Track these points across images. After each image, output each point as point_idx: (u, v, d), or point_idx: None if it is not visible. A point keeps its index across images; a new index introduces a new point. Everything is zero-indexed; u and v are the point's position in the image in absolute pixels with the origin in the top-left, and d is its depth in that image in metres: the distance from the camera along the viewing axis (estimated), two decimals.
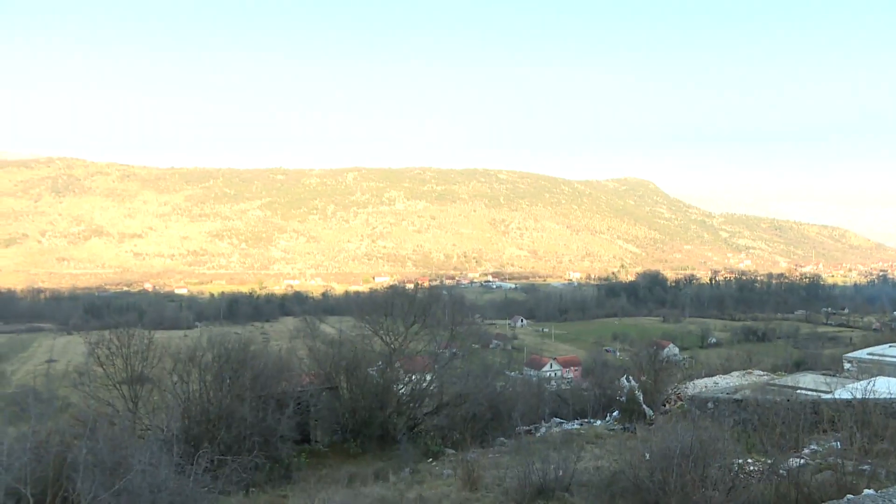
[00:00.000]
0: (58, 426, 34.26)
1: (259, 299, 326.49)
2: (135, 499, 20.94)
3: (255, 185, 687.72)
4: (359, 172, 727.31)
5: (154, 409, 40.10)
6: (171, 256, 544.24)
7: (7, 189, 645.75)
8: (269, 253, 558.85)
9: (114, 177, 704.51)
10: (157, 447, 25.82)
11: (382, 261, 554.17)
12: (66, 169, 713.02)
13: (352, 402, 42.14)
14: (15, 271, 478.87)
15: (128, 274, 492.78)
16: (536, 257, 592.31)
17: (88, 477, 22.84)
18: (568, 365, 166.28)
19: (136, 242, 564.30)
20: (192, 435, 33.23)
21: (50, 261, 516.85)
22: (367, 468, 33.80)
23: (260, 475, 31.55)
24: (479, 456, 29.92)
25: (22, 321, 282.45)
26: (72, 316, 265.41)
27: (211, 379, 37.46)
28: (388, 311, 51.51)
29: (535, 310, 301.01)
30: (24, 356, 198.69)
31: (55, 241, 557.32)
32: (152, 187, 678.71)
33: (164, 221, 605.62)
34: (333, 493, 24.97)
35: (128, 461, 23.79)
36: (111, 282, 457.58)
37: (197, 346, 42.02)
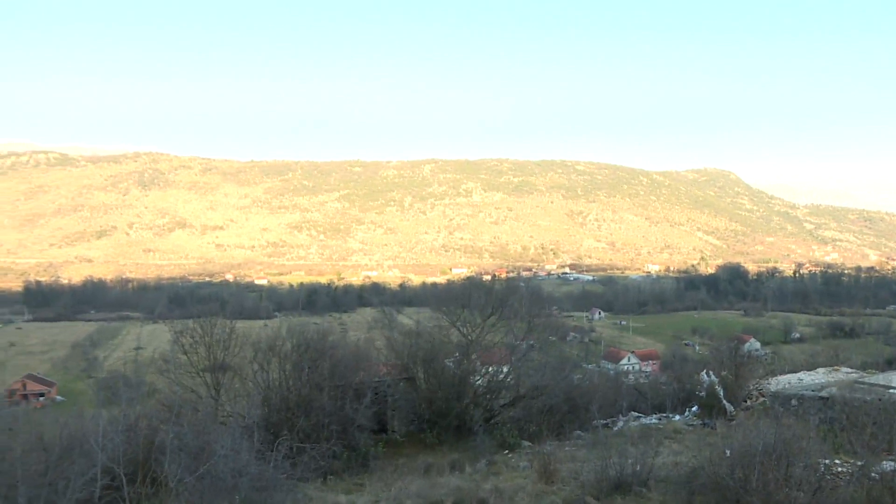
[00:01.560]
0: (146, 411, 35.30)
1: (337, 290, 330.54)
2: (217, 483, 21.42)
3: (333, 178, 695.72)
4: (435, 164, 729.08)
5: (235, 396, 40.90)
6: (252, 248, 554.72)
7: (98, 183, 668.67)
8: (346, 244, 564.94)
9: (196, 170, 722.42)
10: (239, 433, 26.39)
11: (459, 252, 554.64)
12: (152, 163, 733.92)
13: (429, 393, 42.25)
14: (105, 262, 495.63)
15: (210, 265, 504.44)
16: (614, 249, 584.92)
17: (175, 460, 23.49)
18: (646, 358, 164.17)
19: (218, 234, 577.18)
20: (271, 422, 33.83)
21: (137, 252, 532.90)
22: (443, 459, 33.86)
23: (337, 463, 31.93)
24: (556, 449, 29.62)
25: (112, 310, 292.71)
26: (157, 305, 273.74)
27: (290, 368, 38.01)
28: (466, 302, 51.41)
29: (613, 302, 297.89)
30: (114, 343, 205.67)
31: (142, 233, 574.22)
32: (233, 180, 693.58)
33: (244, 213, 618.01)
34: (410, 483, 25.09)
35: (211, 446, 24.36)
36: (194, 272, 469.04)
37: (277, 335, 42.76)
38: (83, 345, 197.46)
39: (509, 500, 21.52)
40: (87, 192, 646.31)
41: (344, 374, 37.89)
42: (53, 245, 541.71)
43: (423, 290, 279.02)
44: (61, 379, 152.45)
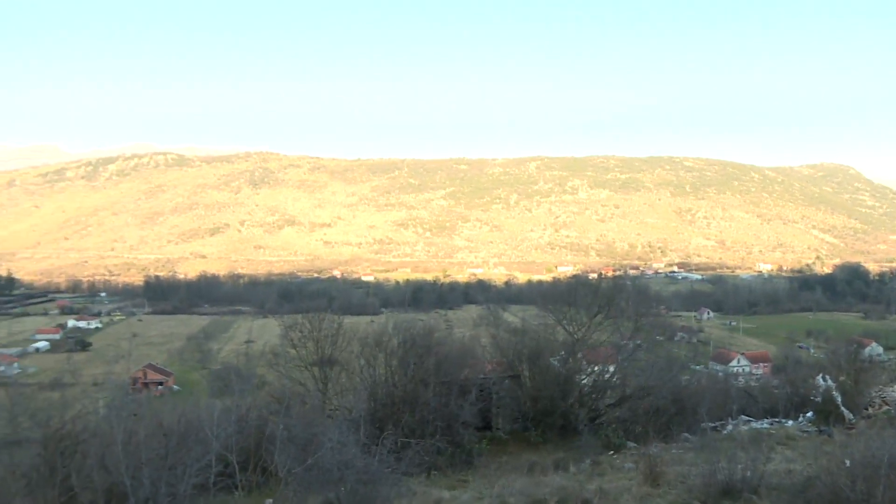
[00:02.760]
0: (256, 402, 36.36)
1: (443, 287, 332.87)
2: (324, 474, 21.89)
3: (439, 175, 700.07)
4: (541, 161, 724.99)
5: (342, 390, 41.63)
6: (359, 245, 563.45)
7: (212, 182, 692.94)
8: (452, 242, 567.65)
9: (305, 169, 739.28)
10: (345, 427, 26.92)
11: (565, 250, 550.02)
12: (262, 163, 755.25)
13: (534, 391, 42.05)
14: (218, 258, 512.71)
15: (318, 261, 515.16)
16: (724, 248, 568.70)
17: (284, 450, 24.17)
18: (757, 361, 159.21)
19: (326, 231, 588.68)
20: (377, 417, 34.28)
21: (248, 248, 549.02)
22: (547, 458, 33.68)
23: (442, 459, 32.12)
24: (662, 451, 29.06)
25: (224, 304, 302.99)
26: (267, 300, 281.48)
27: (396, 363, 38.44)
28: (572, 300, 50.99)
29: (723, 302, 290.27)
30: (227, 336, 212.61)
31: (253, 230, 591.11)
32: (340, 178, 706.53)
33: (351, 211, 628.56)
34: (513, 481, 25.05)
35: (318, 438, 24.92)
36: (303, 268, 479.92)
37: (383, 331, 43.32)
38: (198, 337, 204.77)
39: (614, 501, 21.24)
40: (201, 191, 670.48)
41: (449, 371, 38.09)
42: (171, 242, 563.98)
43: (528, 288, 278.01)
44: (178, 369, 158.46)
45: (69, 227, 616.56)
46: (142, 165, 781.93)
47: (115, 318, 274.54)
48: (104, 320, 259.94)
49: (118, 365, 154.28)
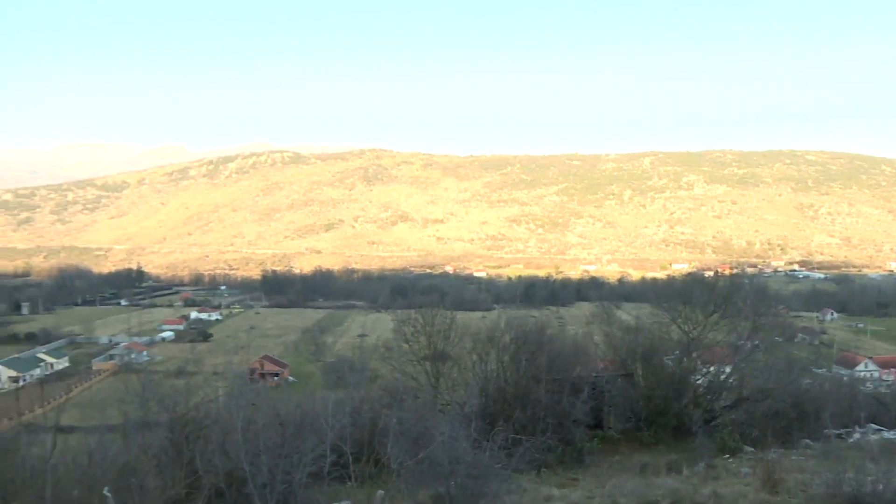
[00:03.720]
0: (369, 395, 37.07)
1: (555, 284, 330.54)
2: (435, 468, 22.06)
3: (552, 171, 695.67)
4: (655, 157, 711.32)
5: (454, 385, 41.99)
6: (471, 241, 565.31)
7: (327, 179, 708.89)
8: (565, 238, 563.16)
9: (417, 166, 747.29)
10: (457, 422, 27.07)
11: (680, 247, 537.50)
12: (376, 159, 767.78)
13: (647, 391, 41.42)
14: (333, 253, 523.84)
15: (430, 257, 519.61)
16: (850, 245, 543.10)
17: (397, 443, 24.55)
18: (887, 366, 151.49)
19: (439, 227, 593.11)
20: (488, 412, 34.41)
21: (362, 244, 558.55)
22: (659, 459, 33.10)
23: (552, 457, 32.00)
24: (781, 457, 28.12)
25: (338, 298, 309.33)
26: (380, 295, 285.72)
27: (508, 360, 38.51)
28: (687, 299, 49.97)
29: (848, 303, 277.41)
30: (341, 330, 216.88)
31: (366, 226, 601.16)
32: (453, 175, 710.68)
33: (464, 207, 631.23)
34: (625, 482, 24.71)
35: (430, 432, 25.16)
36: (415, 264, 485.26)
37: (495, 327, 43.47)
38: (312, 330, 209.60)
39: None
40: (316, 188, 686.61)
41: (561, 368, 37.91)
42: (287, 237, 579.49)
43: (642, 286, 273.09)
44: (293, 361, 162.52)
45: (192, 223, 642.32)
46: (260, 163, 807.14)
47: (234, 310, 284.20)
48: (224, 312, 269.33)
49: (237, 356, 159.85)
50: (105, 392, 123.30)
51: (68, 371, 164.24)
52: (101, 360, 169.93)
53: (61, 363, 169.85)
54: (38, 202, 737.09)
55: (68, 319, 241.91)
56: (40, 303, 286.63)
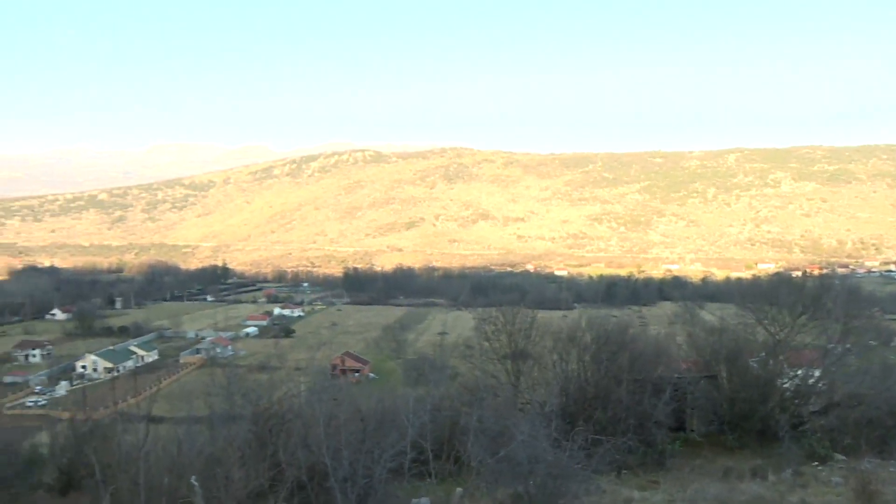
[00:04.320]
0: (449, 393, 37.30)
1: (637, 283, 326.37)
2: (515, 467, 22.05)
3: (634, 169, 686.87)
4: (741, 153, 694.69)
5: (534, 384, 41.81)
6: (552, 239, 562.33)
7: (408, 178, 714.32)
8: (647, 237, 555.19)
9: (498, 164, 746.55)
10: (537, 421, 26.98)
11: (766, 246, 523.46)
12: (457, 158, 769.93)
13: (731, 393, 40.52)
14: (414, 251, 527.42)
15: (511, 255, 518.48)
16: None
17: (476, 441, 24.62)
18: None
19: (519, 226, 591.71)
20: (568, 412, 34.18)
21: (442, 242, 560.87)
22: (744, 464, 32.36)
23: (633, 458, 31.61)
24: (877, 467, 27.14)
25: (419, 296, 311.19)
26: (461, 293, 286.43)
27: (589, 359, 38.19)
28: (773, 299, 48.69)
29: None
30: (421, 327, 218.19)
31: (447, 224, 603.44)
32: (534, 173, 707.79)
33: (545, 205, 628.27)
34: (707, 486, 24.27)
35: (510, 431, 25.15)
36: (496, 262, 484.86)
37: (576, 326, 43.15)
38: (393, 327, 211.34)
39: None
40: (397, 186, 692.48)
41: (643, 369, 37.44)
42: (368, 235, 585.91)
43: (726, 286, 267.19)
44: (374, 358, 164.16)
45: (276, 221, 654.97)
46: (342, 162, 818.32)
47: (316, 307, 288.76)
48: (306, 309, 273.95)
49: (319, 352, 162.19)
50: (192, 384, 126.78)
51: (157, 363, 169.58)
52: (188, 354, 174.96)
53: (151, 356, 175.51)
54: (131, 201, 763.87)
55: (157, 314, 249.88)
56: (132, 298, 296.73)
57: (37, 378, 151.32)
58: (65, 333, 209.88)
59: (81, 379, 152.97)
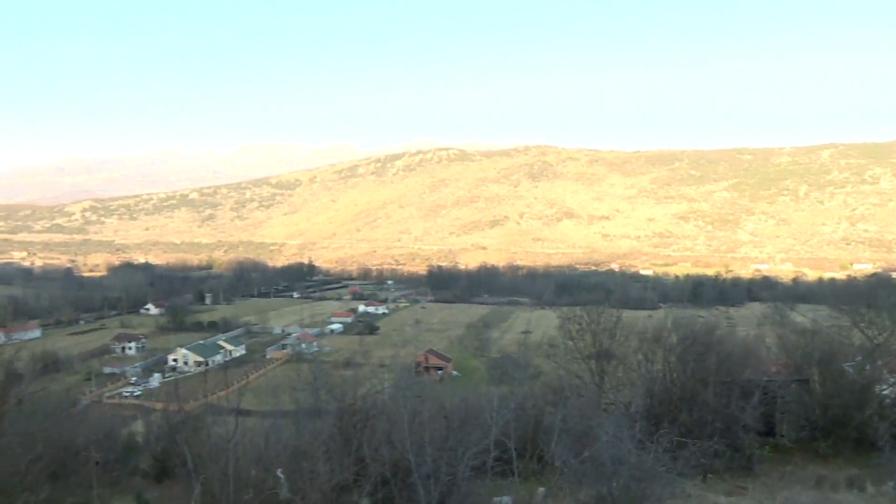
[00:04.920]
0: (533, 391, 37.15)
1: (724, 283, 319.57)
2: (598, 468, 21.83)
3: (722, 166, 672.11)
4: (836, 149, 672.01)
5: (618, 384, 41.36)
6: (637, 238, 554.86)
7: (492, 176, 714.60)
8: (735, 236, 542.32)
9: (583, 162, 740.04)
10: (621, 422, 26.64)
11: (863, 246, 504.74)
12: (541, 156, 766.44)
13: (824, 399, 39.21)
14: (498, 250, 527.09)
15: (595, 254, 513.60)
16: None
17: (560, 441, 24.47)
18: None
19: (604, 224, 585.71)
20: (653, 413, 33.67)
21: (526, 240, 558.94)
22: (838, 472, 31.29)
23: (719, 462, 30.96)
24: None
25: (502, 294, 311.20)
26: (545, 291, 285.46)
27: (675, 360, 37.56)
28: (871, 301, 47.18)
29: None
30: (505, 326, 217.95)
31: (531, 222, 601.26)
32: (619, 171, 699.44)
33: (630, 204, 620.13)
34: (798, 494, 23.60)
35: (594, 431, 24.93)
36: (580, 261, 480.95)
37: (662, 326, 42.55)
38: (477, 326, 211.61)
39: None
40: (481, 185, 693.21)
41: (731, 371, 36.62)
42: (452, 233, 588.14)
43: (819, 287, 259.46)
44: (457, 356, 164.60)
45: (361, 219, 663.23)
46: (426, 161, 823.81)
47: (400, 304, 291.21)
48: (390, 306, 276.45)
49: (403, 349, 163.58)
50: (278, 379, 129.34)
51: (245, 358, 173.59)
52: (275, 349, 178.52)
53: (239, 350, 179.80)
54: (220, 200, 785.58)
55: (245, 310, 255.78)
56: (221, 294, 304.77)
57: (132, 370, 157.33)
58: (158, 327, 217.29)
59: (173, 371, 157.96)
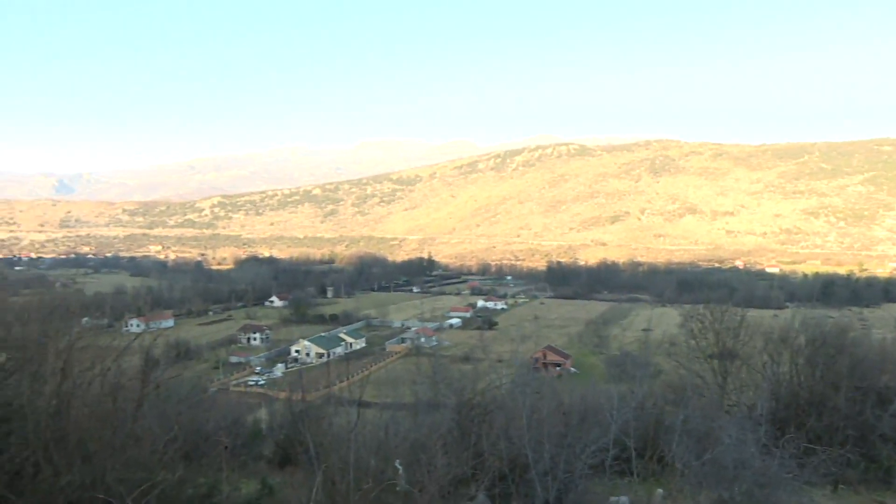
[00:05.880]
0: (652, 390, 36.57)
1: (858, 282, 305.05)
2: (720, 471, 21.32)
3: (856, 159, 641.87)
4: None
5: (741, 386, 40.27)
6: (763, 234, 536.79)
7: (613, 171, 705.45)
8: (871, 232, 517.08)
9: (706, 156, 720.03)
10: (745, 425, 25.89)
11: None
12: (662, 150, 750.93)
13: None
14: (618, 246, 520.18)
15: (719, 251, 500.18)
16: None
17: (682, 442, 23.95)
18: None
19: (728, 220, 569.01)
20: (779, 417, 32.61)
21: (647, 237, 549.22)
22: None
23: (852, 473, 29.69)
24: None
25: (622, 291, 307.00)
26: (666, 289, 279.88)
27: (803, 362, 36.27)
28: None
29: None
30: (625, 323, 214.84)
31: (652, 218, 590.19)
32: (744, 165, 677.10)
33: (756, 199, 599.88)
34: None
35: (716, 433, 24.34)
36: (702, 258, 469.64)
37: (789, 327, 41.10)
38: (596, 322, 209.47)
39: None
40: (602, 180, 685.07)
41: (865, 376, 35.03)
42: (572, 229, 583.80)
43: None
44: (575, 352, 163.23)
45: (480, 214, 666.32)
46: (546, 156, 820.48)
47: (518, 300, 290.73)
48: (509, 302, 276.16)
49: (522, 345, 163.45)
50: (397, 372, 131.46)
51: (365, 351, 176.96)
52: (394, 343, 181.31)
53: (359, 343, 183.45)
54: (342, 196, 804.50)
55: (365, 303, 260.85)
56: (342, 287, 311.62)
57: (257, 359, 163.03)
58: (281, 319, 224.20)
59: (295, 362, 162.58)
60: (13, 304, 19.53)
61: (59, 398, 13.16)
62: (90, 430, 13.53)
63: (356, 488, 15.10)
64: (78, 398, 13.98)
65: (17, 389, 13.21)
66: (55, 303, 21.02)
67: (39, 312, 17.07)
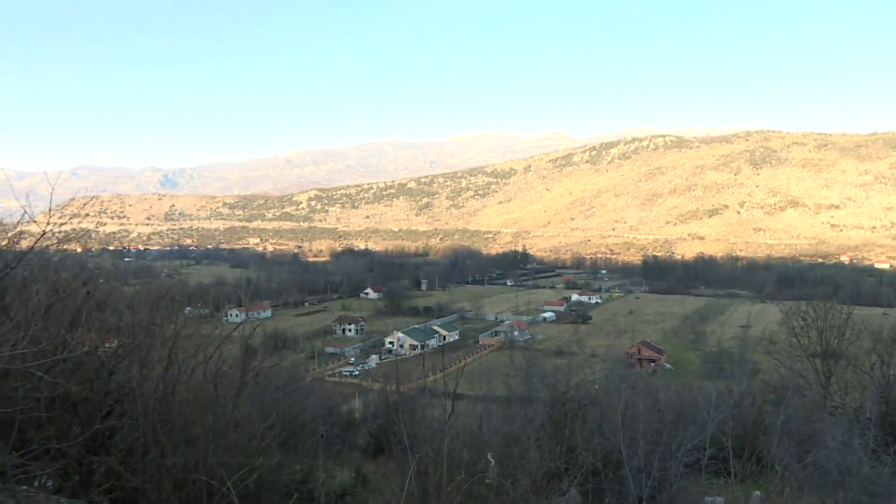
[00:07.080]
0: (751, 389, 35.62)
1: None
2: (823, 476, 20.63)
3: None
4: None
5: (847, 387, 38.85)
6: (872, 228, 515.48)
7: (711, 163, 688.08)
8: None
9: (810, 147, 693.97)
10: (851, 428, 24.95)
11: None
12: (763, 141, 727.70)
13: None
14: (716, 240, 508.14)
15: (823, 245, 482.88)
16: None
17: (782, 444, 23.27)
18: None
19: (833, 213, 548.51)
20: (889, 422, 31.24)
21: (747, 230, 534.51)
22: None
23: None
24: None
25: (720, 286, 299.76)
26: (766, 284, 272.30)
27: None
28: None
29: None
30: (722, 319, 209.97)
31: (752, 211, 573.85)
32: (851, 155, 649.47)
33: (864, 191, 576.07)
34: None
35: (819, 436, 23.56)
36: (805, 253, 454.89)
37: None
38: (692, 318, 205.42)
39: None
40: (699, 172, 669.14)
41: None
42: (669, 223, 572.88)
43: None
44: (670, 348, 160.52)
45: (575, 207, 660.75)
46: (641, 148, 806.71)
47: (613, 294, 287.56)
48: (603, 296, 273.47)
49: (617, 339, 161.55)
50: (490, 365, 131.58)
51: (458, 343, 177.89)
52: (487, 336, 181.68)
53: (452, 336, 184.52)
54: (436, 189, 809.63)
55: (459, 296, 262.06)
56: (436, 280, 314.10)
57: (352, 350, 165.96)
58: (375, 311, 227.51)
59: (389, 354, 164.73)
60: (124, 294, 20.35)
61: (164, 383, 13.69)
62: (193, 414, 14.03)
63: (449, 480, 15.21)
64: (182, 384, 14.52)
65: (128, 373, 13.81)
66: (161, 292, 21.80)
67: (147, 301, 17.75)
